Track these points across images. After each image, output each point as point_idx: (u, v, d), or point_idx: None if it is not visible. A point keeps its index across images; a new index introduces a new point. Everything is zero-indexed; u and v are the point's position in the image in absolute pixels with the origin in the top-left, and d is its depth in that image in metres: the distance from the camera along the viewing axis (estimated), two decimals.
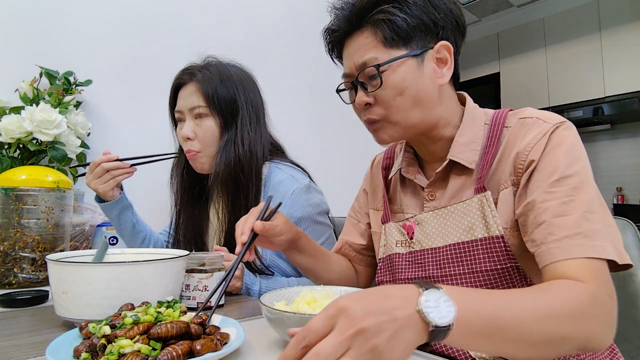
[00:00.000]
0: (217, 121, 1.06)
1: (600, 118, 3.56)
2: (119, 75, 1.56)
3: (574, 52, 3.74)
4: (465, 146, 0.73)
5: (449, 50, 0.72)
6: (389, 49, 0.69)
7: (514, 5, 4.03)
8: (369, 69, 0.70)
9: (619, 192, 3.68)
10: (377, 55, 0.69)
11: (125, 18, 1.59)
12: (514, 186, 0.67)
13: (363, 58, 0.70)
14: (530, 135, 0.67)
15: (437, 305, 0.41)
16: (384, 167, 0.92)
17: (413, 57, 0.69)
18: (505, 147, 0.70)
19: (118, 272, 0.59)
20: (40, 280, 0.97)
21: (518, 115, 0.72)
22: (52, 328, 0.63)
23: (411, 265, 0.77)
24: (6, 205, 0.96)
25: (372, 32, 0.70)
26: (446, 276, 0.71)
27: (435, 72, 0.71)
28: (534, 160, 0.64)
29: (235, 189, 1.04)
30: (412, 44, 0.70)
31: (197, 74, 1.07)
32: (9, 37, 1.35)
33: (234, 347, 0.48)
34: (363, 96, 0.72)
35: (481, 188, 0.70)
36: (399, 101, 0.70)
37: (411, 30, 0.69)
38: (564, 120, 0.68)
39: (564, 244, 0.57)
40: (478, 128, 0.75)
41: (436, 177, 0.76)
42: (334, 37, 0.77)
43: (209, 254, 0.81)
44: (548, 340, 0.49)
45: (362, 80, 0.72)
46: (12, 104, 1.26)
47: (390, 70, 0.69)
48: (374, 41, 0.70)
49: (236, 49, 1.33)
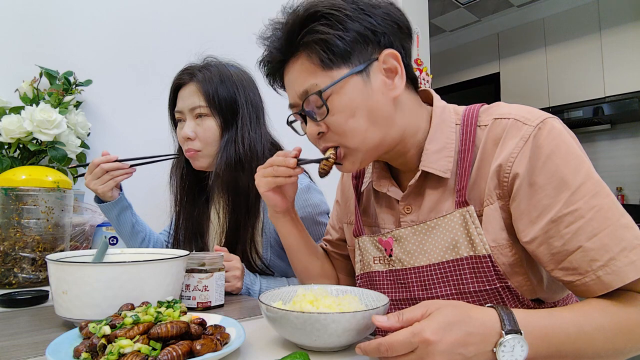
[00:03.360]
0: (217, 121, 1.06)
1: (600, 118, 3.55)
2: (119, 75, 1.56)
3: (574, 52, 3.74)
4: (437, 154, 0.67)
5: (396, 57, 0.65)
6: (329, 70, 0.63)
7: (514, 5, 4.03)
8: (312, 97, 0.64)
9: (619, 192, 3.68)
10: (317, 80, 0.63)
11: (126, 18, 1.59)
12: (501, 200, 0.62)
13: (303, 86, 0.65)
14: (510, 142, 0.61)
15: (512, 350, 0.47)
16: (354, 176, 0.86)
17: (357, 74, 0.63)
18: (482, 153, 0.64)
19: (118, 272, 0.59)
20: (40, 280, 0.97)
21: (492, 114, 0.66)
22: (52, 328, 0.63)
23: (393, 285, 0.73)
24: (6, 205, 0.96)
25: (307, 57, 0.64)
26: (432, 298, 0.66)
27: (385, 85, 0.65)
28: (518, 173, 0.59)
29: (236, 189, 1.04)
30: (353, 60, 0.63)
31: (197, 74, 1.07)
32: (9, 37, 1.35)
33: (234, 347, 0.48)
34: (313, 126, 0.66)
35: (463, 202, 0.64)
36: (352, 124, 0.63)
37: (348, 45, 0.62)
38: (544, 117, 0.61)
39: (614, 268, 0.53)
40: (449, 131, 0.69)
41: (410, 190, 0.71)
42: (269, 69, 0.72)
43: (209, 254, 0.81)
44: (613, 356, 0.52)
45: (309, 109, 0.66)
46: (12, 104, 1.26)
47: (335, 93, 0.63)
48: (311, 66, 0.64)
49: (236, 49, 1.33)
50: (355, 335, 0.53)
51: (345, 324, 0.51)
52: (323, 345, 0.53)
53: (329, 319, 0.50)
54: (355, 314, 0.51)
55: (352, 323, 0.51)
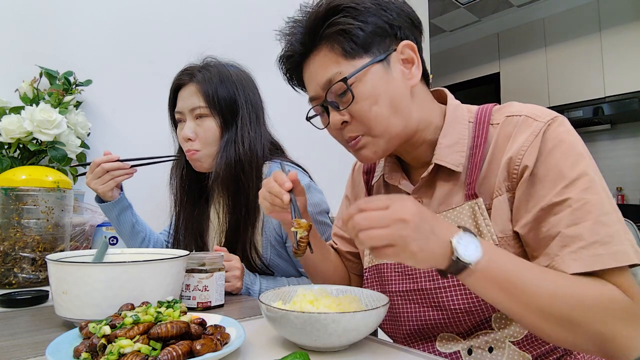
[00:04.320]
0: (217, 121, 1.06)
1: (600, 118, 3.55)
2: (119, 75, 1.56)
3: (574, 52, 3.74)
4: (450, 148, 0.69)
5: (413, 48, 0.68)
6: (351, 60, 0.66)
7: (514, 5, 4.04)
8: (336, 85, 0.66)
9: (619, 192, 3.68)
10: (341, 69, 0.66)
11: (126, 18, 1.59)
12: (509, 192, 0.64)
13: (327, 76, 0.67)
14: (521, 137, 0.63)
15: (467, 245, 0.51)
16: (365, 171, 0.88)
17: (378, 63, 0.66)
18: (494, 148, 0.66)
19: (118, 272, 0.59)
20: (40, 280, 0.97)
21: (504, 112, 0.68)
22: (52, 328, 0.63)
23: (401, 276, 0.73)
24: (6, 205, 0.96)
25: (329, 48, 0.67)
26: (439, 288, 0.68)
27: (404, 74, 0.68)
28: (527, 165, 0.61)
29: (236, 189, 1.04)
30: (373, 50, 0.66)
31: (196, 75, 1.07)
32: (9, 37, 1.35)
33: (234, 347, 0.48)
34: (337, 116, 0.68)
35: (472, 194, 0.66)
36: (376, 111, 0.66)
37: (368, 36, 0.65)
38: (555, 115, 0.64)
39: (580, 255, 0.54)
40: (462, 127, 0.71)
41: (422, 183, 0.72)
42: (291, 64, 0.74)
43: (209, 254, 0.81)
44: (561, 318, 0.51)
45: (332, 99, 0.68)
46: (12, 104, 1.26)
47: (358, 81, 0.65)
48: (334, 56, 0.66)
49: (236, 50, 1.33)
50: (355, 335, 0.53)
51: (345, 324, 0.51)
52: (323, 345, 0.53)
53: (329, 319, 0.50)
54: (355, 314, 0.51)
55: (352, 323, 0.51)
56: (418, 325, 0.71)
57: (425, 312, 0.70)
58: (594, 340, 0.52)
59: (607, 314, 0.51)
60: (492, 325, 0.66)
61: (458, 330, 0.68)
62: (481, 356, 0.66)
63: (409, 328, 0.72)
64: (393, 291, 0.74)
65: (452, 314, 0.67)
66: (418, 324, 0.71)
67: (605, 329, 0.51)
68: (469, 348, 0.67)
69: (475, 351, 0.67)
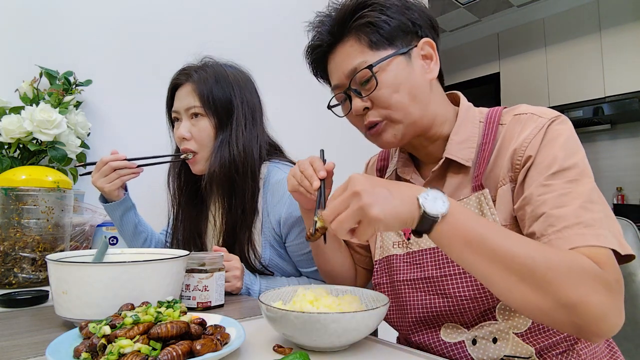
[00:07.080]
0: (212, 121, 1.06)
1: (600, 118, 3.55)
2: (119, 75, 1.56)
3: (574, 52, 3.74)
4: (461, 144, 0.74)
5: (432, 46, 0.74)
6: (376, 50, 0.71)
7: (514, 5, 4.03)
8: (361, 73, 0.71)
9: (619, 192, 3.68)
10: (366, 58, 0.71)
11: (126, 18, 1.59)
12: (512, 182, 0.67)
13: (352, 64, 0.72)
14: (526, 131, 0.67)
15: (434, 200, 0.52)
16: (378, 169, 0.92)
17: (401, 55, 0.71)
18: (501, 144, 0.70)
19: (118, 272, 0.59)
20: (40, 280, 0.97)
21: (513, 112, 0.73)
22: (52, 328, 0.63)
23: (409, 266, 0.76)
24: (6, 205, 0.96)
25: (356, 39, 0.72)
26: (445, 276, 0.70)
27: (423, 68, 0.74)
28: (531, 155, 0.65)
29: (231, 190, 1.04)
30: (397, 43, 0.71)
31: (193, 75, 1.07)
32: (9, 37, 1.35)
33: (234, 347, 0.48)
34: (359, 102, 0.73)
35: (479, 186, 0.70)
36: (397, 98, 0.71)
37: (393, 30, 0.71)
38: (559, 114, 0.68)
39: (565, 234, 0.56)
40: (473, 126, 0.75)
41: (433, 176, 0.76)
42: (317, 54, 0.79)
43: (209, 254, 0.81)
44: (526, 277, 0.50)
45: (355, 87, 0.73)
46: (12, 104, 1.26)
47: (382, 70, 0.70)
48: (360, 46, 0.71)
49: (236, 50, 1.33)
50: (355, 335, 0.53)
51: (345, 324, 0.51)
52: (323, 345, 0.53)
53: (329, 319, 0.50)
54: (356, 314, 0.51)
55: (352, 323, 0.51)
56: (424, 314, 0.73)
57: (431, 300, 0.72)
58: (564, 307, 0.49)
59: (577, 279, 0.50)
60: (496, 316, 0.67)
61: (463, 320, 0.70)
62: (485, 347, 0.67)
63: (415, 317, 0.74)
64: (401, 280, 0.76)
65: (457, 301, 0.68)
66: (424, 312, 0.73)
67: (575, 295, 0.49)
68: (473, 338, 0.69)
69: (480, 342, 0.68)
